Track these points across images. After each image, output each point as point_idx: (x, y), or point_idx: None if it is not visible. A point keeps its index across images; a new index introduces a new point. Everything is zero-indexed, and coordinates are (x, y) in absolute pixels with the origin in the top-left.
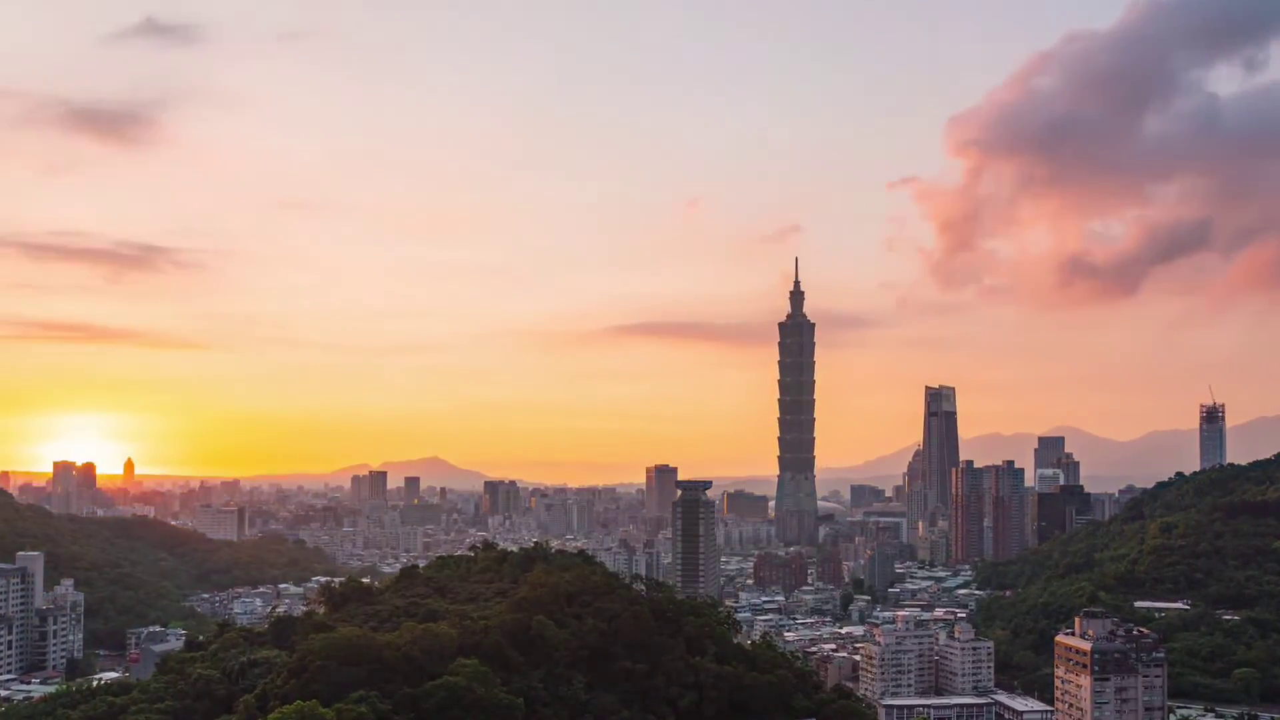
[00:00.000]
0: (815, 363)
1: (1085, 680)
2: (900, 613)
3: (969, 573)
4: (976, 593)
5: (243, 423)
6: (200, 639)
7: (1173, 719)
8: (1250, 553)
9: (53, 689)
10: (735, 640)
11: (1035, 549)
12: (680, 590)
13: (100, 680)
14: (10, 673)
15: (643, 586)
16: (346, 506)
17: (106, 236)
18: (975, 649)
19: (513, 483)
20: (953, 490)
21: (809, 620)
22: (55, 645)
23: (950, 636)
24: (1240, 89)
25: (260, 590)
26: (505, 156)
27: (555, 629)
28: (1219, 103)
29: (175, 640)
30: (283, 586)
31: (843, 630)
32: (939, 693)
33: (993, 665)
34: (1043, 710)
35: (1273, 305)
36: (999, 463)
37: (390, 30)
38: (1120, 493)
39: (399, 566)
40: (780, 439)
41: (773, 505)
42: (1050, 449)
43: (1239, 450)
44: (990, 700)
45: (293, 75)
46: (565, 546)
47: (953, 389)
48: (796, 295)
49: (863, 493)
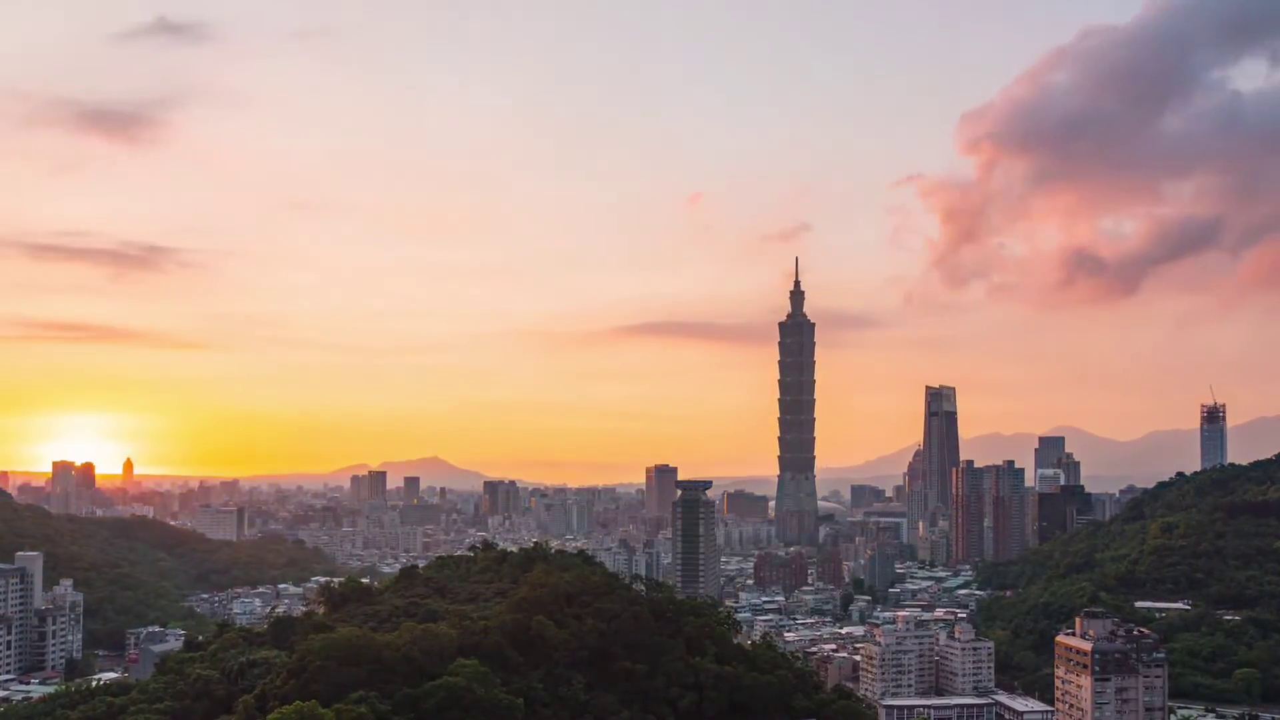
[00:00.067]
0: (815, 362)
1: (1086, 681)
2: (900, 613)
3: (969, 573)
4: (977, 593)
5: (242, 422)
6: (199, 639)
7: (1173, 719)
8: (1251, 553)
9: (52, 689)
10: (735, 640)
11: (1036, 549)
12: (680, 590)
13: (99, 680)
14: (9, 673)
15: (643, 587)
16: (346, 506)
17: (111, 236)
18: (975, 649)
19: (512, 483)
20: (953, 490)
21: (809, 620)
22: (54, 645)
23: (950, 637)
24: (1264, 85)
25: (259, 590)
26: (506, 156)
27: (555, 629)
28: (1241, 100)
29: (174, 640)
30: (282, 587)
31: (843, 630)
32: (939, 693)
33: (993, 665)
34: (1043, 711)
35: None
36: (999, 463)
37: (396, 29)
38: (1121, 493)
39: (398, 567)
40: (780, 439)
41: (773, 505)
42: (1051, 449)
43: (1240, 450)
44: (990, 701)
45: (301, 74)
46: (565, 547)
47: (953, 389)
48: (797, 295)
49: (863, 493)
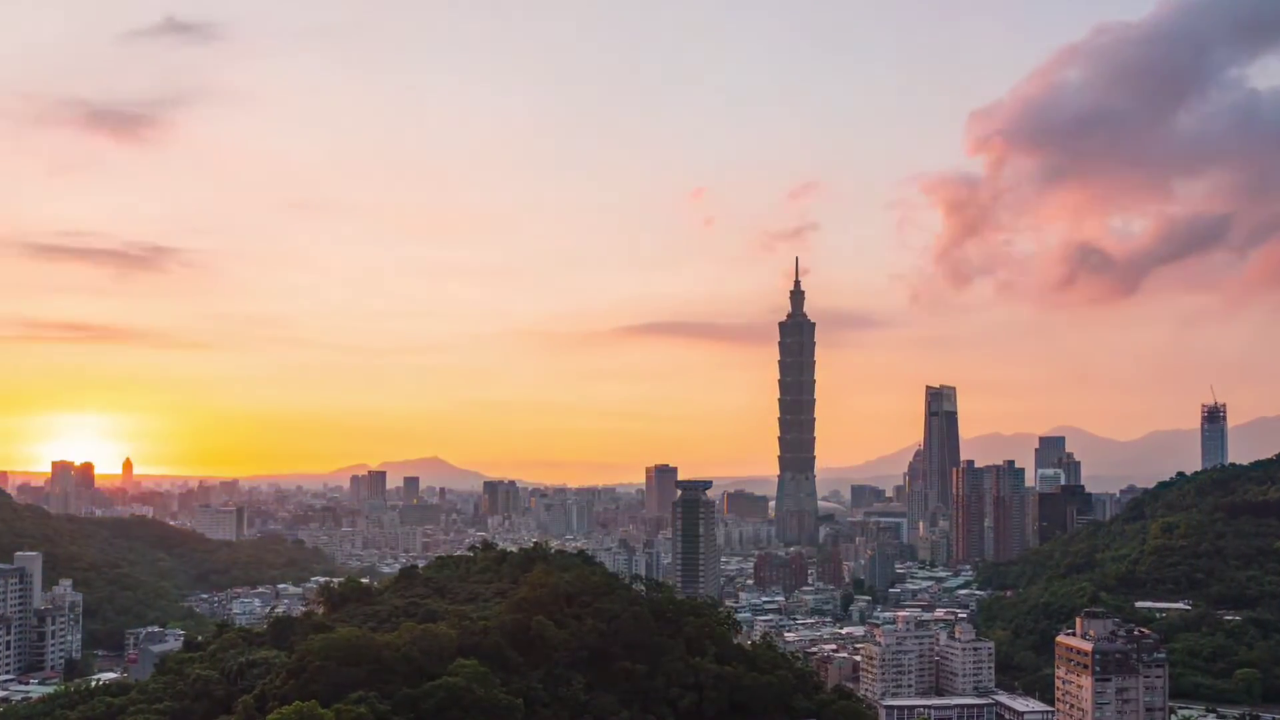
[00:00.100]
0: (816, 362)
1: (1086, 681)
2: (901, 613)
3: (970, 573)
4: (977, 593)
5: (242, 422)
6: (199, 639)
7: (1173, 719)
8: (1252, 553)
9: (51, 689)
10: (735, 641)
11: (1036, 549)
12: (680, 590)
13: (98, 681)
14: (9, 673)
15: (642, 587)
16: (345, 506)
17: (115, 236)
18: (976, 649)
19: (512, 483)
20: (953, 490)
21: (809, 620)
22: (53, 646)
23: (951, 637)
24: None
25: (259, 590)
26: (506, 156)
27: (555, 629)
28: (1259, 97)
29: (174, 641)
30: (281, 587)
31: (843, 631)
32: (939, 693)
33: (993, 666)
34: (1043, 711)
35: None
36: (1000, 463)
37: (396, 29)
38: (1121, 493)
39: (398, 567)
40: (780, 439)
41: (773, 505)
42: (1051, 449)
43: (1240, 450)
44: (991, 701)
45: (303, 74)
46: (565, 547)
47: (953, 389)
48: (797, 294)
49: (863, 493)
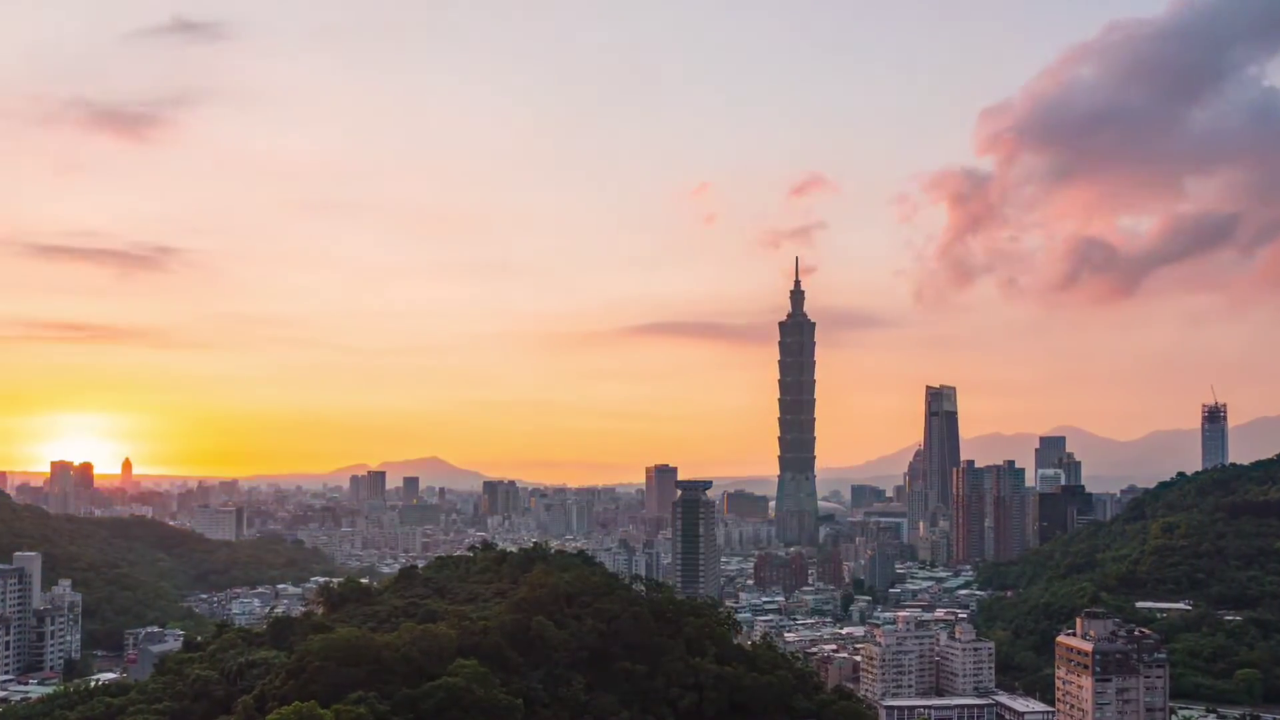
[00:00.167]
0: (816, 362)
1: (1087, 681)
2: (901, 613)
3: (970, 573)
4: (977, 593)
5: (241, 422)
6: (198, 639)
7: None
8: (1252, 553)
9: (50, 690)
10: (735, 641)
11: (1036, 549)
12: (680, 591)
13: (98, 681)
14: (8, 673)
15: (642, 587)
16: (345, 507)
17: (118, 236)
18: (976, 650)
19: (512, 483)
20: (954, 490)
21: (809, 621)
22: (53, 646)
23: (951, 637)
24: None
25: (258, 591)
26: (506, 156)
27: (555, 630)
28: (1276, 95)
29: (173, 641)
30: (281, 587)
31: (843, 631)
32: (940, 694)
33: (994, 666)
34: (1044, 711)
35: None
36: (1000, 463)
37: (396, 29)
38: (1122, 493)
39: (398, 567)
40: (780, 439)
41: (773, 505)
42: (1051, 449)
43: (1241, 450)
44: (991, 701)
45: (309, 74)
46: (565, 547)
47: (953, 389)
48: (797, 294)
49: (863, 493)
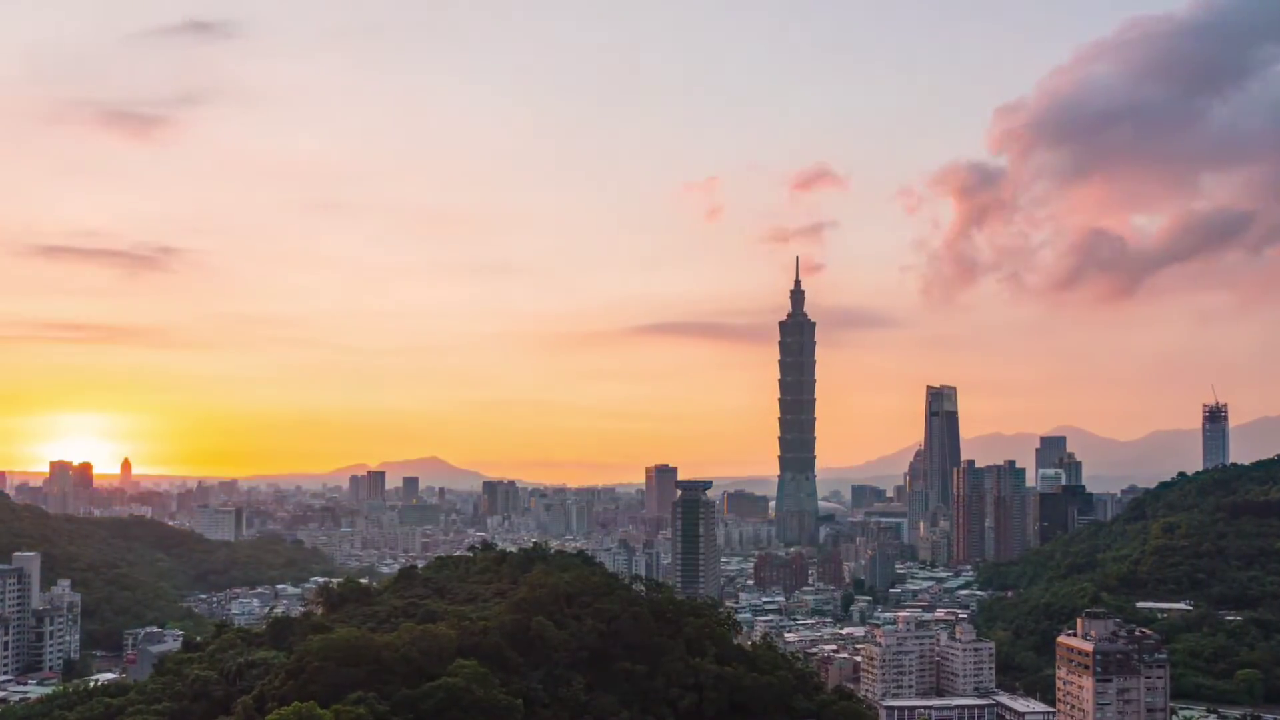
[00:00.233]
0: (816, 362)
1: (1087, 681)
2: (901, 613)
3: (970, 573)
4: (978, 593)
5: (241, 422)
6: (198, 640)
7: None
8: (1253, 553)
9: (49, 690)
10: (735, 641)
11: (1037, 549)
12: (680, 591)
13: (97, 681)
14: (7, 674)
15: (642, 587)
16: (345, 507)
17: (123, 236)
18: (977, 650)
19: (511, 483)
20: (954, 490)
21: (809, 621)
22: (52, 646)
23: (951, 637)
24: None
25: (258, 591)
26: (506, 156)
27: (554, 630)
28: None
29: (172, 641)
30: (280, 587)
31: (843, 631)
32: (940, 694)
33: (994, 666)
34: (1044, 711)
35: None
36: (1000, 463)
37: (396, 30)
38: (1122, 493)
39: (397, 567)
40: (780, 439)
41: (773, 505)
42: (1052, 449)
43: (1242, 450)
44: (992, 701)
45: (312, 74)
46: (564, 547)
47: (954, 389)
48: (797, 294)
49: (863, 493)
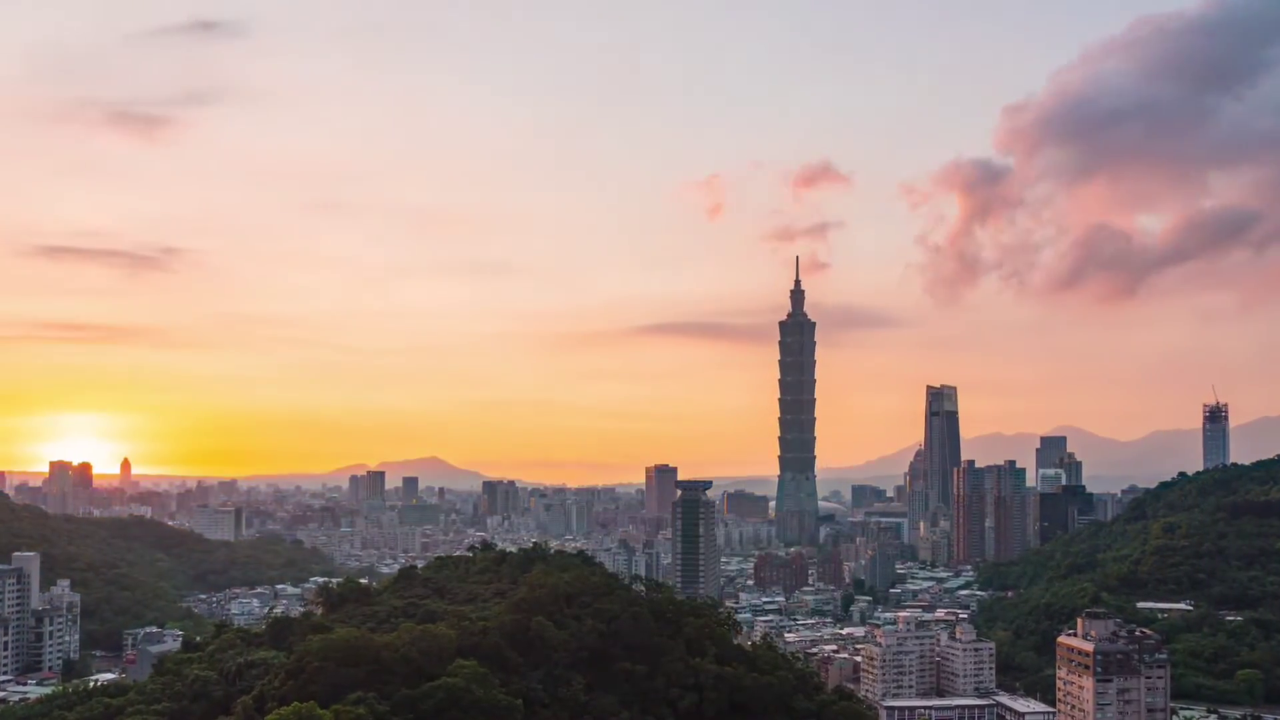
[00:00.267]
0: (816, 362)
1: (1087, 681)
2: (901, 613)
3: (970, 573)
4: (978, 593)
5: (241, 422)
6: (197, 640)
7: None
8: (1254, 553)
9: (49, 690)
10: (735, 641)
11: (1037, 549)
12: (680, 591)
13: (96, 681)
14: (6, 674)
15: (642, 587)
16: (344, 507)
17: (125, 237)
18: (977, 650)
19: (511, 483)
20: (954, 490)
21: (810, 621)
22: (51, 646)
23: (952, 637)
24: None
25: (257, 591)
26: (506, 156)
27: (554, 630)
28: None
29: (172, 641)
30: (280, 587)
31: (844, 631)
32: (940, 694)
33: (994, 666)
34: (1044, 712)
35: None
36: (1001, 463)
37: (396, 30)
38: (1123, 493)
39: (397, 567)
40: (781, 439)
41: (773, 505)
42: (1052, 449)
43: (1242, 450)
44: (992, 702)
45: (315, 74)
46: (564, 547)
47: (954, 388)
48: (797, 294)
49: (864, 493)
